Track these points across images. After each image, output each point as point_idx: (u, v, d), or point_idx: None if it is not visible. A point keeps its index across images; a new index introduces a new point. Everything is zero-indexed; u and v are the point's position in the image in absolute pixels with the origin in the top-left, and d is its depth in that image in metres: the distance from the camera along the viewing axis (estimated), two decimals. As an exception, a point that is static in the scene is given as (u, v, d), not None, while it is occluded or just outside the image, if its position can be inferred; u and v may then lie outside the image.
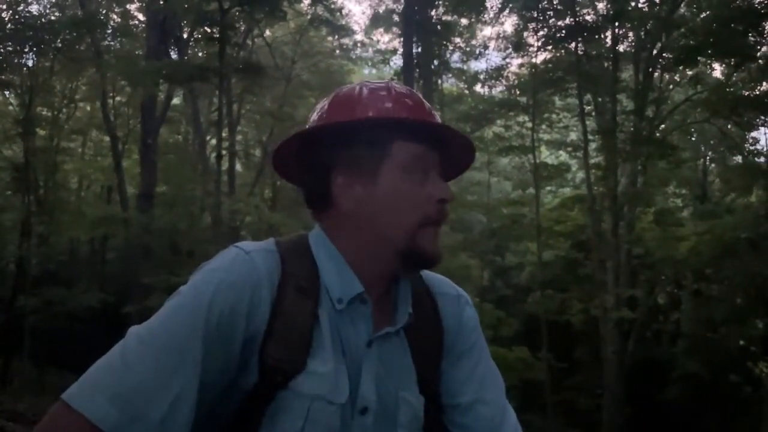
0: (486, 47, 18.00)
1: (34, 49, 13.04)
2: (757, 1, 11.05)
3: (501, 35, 16.82)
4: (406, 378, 0.98)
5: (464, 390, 1.03)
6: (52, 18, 13.93)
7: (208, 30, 12.64)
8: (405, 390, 0.97)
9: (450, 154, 1.01)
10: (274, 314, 0.89)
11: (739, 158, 15.53)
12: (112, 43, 15.31)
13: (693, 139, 17.03)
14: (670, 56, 12.32)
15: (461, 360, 1.05)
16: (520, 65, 15.97)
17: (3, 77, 13.15)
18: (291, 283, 0.92)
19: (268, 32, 17.13)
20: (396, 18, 16.76)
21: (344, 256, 0.97)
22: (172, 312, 0.87)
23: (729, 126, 14.20)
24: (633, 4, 12.48)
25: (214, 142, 16.51)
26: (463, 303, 1.10)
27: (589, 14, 13.07)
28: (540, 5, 12.70)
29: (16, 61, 13.20)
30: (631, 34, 13.19)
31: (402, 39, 14.07)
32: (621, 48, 13.14)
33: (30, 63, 13.94)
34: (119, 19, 15.84)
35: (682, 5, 12.49)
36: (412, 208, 0.94)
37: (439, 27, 15.78)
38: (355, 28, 21.04)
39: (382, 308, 0.99)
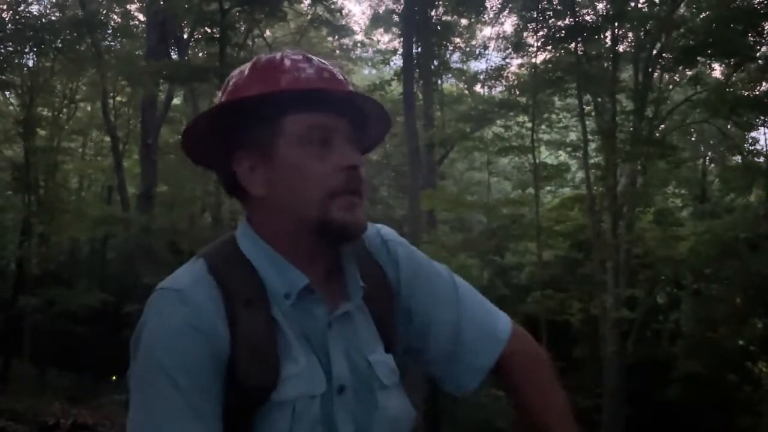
0: (486, 47, 18.03)
1: (35, 49, 13.05)
2: (756, 1, 11.07)
3: (501, 35, 16.85)
4: (372, 341, 0.98)
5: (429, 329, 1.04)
6: (53, 18, 13.95)
7: (209, 30, 12.67)
8: (373, 353, 0.97)
9: (368, 121, 0.99)
10: (234, 339, 0.87)
11: (738, 158, 15.53)
12: (112, 43, 15.32)
13: (692, 139, 17.03)
14: (670, 56, 12.31)
15: (414, 297, 1.04)
16: (520, 65, 15.99)
17: (3, 77, 13.16)
18: (237, 301, 0.88)
19: (268, 32, 17.14)
20: (396, 18, 16.78)
21: (273, 246, 0.94)
22: (146, 401, 0.85)
23: (728, 126, 14.20)
24: (633, 4, 12.48)
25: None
26: (393, 247, 1.07)
27: (588, 14, 13.07)
28: (540, 5, 12.69)
29: (16, 61, 13.21)
30: (630, 34, 13.18)
31: (402, 39, 14.08)
32: (621, 48, 13.13)
33: (30, 63, 13.97)
34: (119, 20, 15.83)
35: (681, 5, 12.49)
36: (315, 182, 0.90)
37: (439, 27, 15.80)
38: (355, 28, 21.02)
39: (333, 282, 0.97)
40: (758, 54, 11.58)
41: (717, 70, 14.46)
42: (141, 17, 16.11)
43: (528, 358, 1.07)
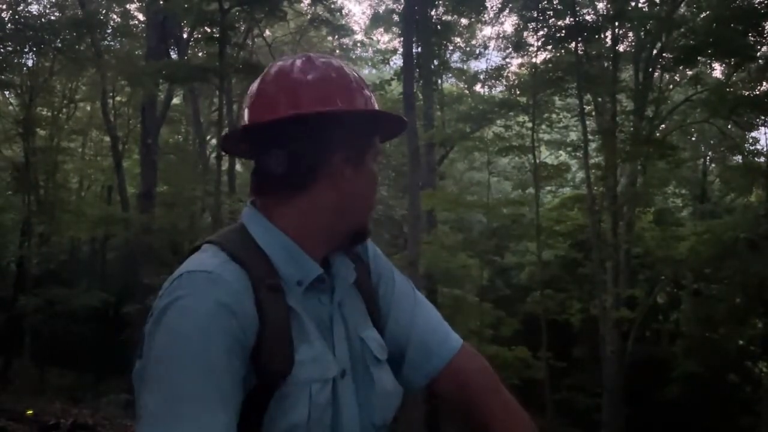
0: (486, 47, 18.08)
1: (35, 49, 13.07)
2: (757, 1, 11.07)
3: (501, 35, 16.87)
4: (363, 320, 1.04)
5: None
6: (52, 18, 13.95)
7: (208, 30, 12.65)
8: (364, 330, 1.02)
9: None
10: (262, 322, 0.88)
11: (738, 158, 15.53)
12: (112, 43, 15.34)
13: (693, 139, 17.04)
14: (670, 56, 12.32)
15: (378, 286, 1.11)
16: (520, 65, 16.00)
17: (3, 77, 13.16)
18: (262, 285, 0.91)
19: (268, 32, 17.14)
20: (396, 18, 16.78)
21: (295, 239, 0.97)
22: (169, 386, 0.81)
23: (729, 126, 14.20)
24: (633, 4, 12.49)
25: (214, 142, 16.52)
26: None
27: (589, 14, 13.08)
28: (540, 5, 12.69)
29: (16, 61, 13.22)
30: (631, 34, 13.19)
31: (402, 39, 14.07)
32: (621, 48, 13.14)
33: (30, 63, 14.00)
34: (119, 19, 15.85)
35: (682, 5, 12.49)
36: (374, 193, 1.05)
37: (439, 27, 15.79)
38: (355, 28, 21.05)
39: (327, 270, 1.02)
40: (758, 54, 11.59)
41: (717, 70, 14.49)
42: (141, 17, 16.12)
43: (480, 368, 1.10)
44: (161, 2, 12.75)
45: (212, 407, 0.80)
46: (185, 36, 14.77)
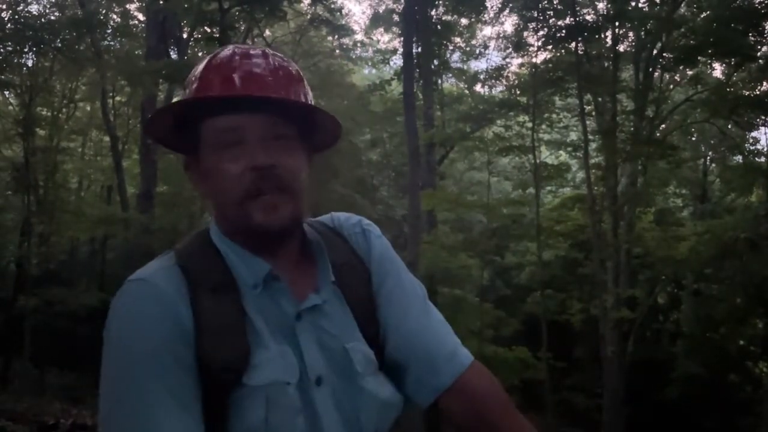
0: (486, 47, 18.10)
1: (34, 49, 13.03)
2: (757, 1, 11.06)
3: (501, 35, 16.89)
4: (350, 330, 0.98)
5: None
6: (52, 18, 13.92)
7: (208, 30, 12.64)
8: (350, 341, 0.97)
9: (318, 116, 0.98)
10: (198, 322, 0.88)
11: (739, 158, 15.53)
12: (112, 43, 15.31)
13: (693, 139, 17.03)
14: (671, 56, 12.31)
15: (379, 290, 1.05)
16: (520, 65, 16.00)
17: (3, 77, 13.14)
18: (202, 287, 0.90)
19: (268, 32, 17.13)
20: (396, 18, 16.79)
21: (233, 239, 0.96)
22: (123, 393, 0.83)
23: (729, 126, 14.20)
24: (633, 4, 12.48)
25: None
26: (370, 237, 1.08)
27: (589, 14, 13.07)
28: (540, 5, 12.69)
29: (15, 61, 13.18)
30: (631, 34, 13.19)
31: (402, 39, 14.08)
32: (621, 48, 13.13)
33: (30, 63, 13.94)
34: (119, 19, 15.82)
35: (682, 5, 12.48)
36: (229, 184, 0.92)
37: (439, 27, 15.81)
38: (355, 27, 21.06)
39: (303, 273, 0.99)
40: (759, 54, 11.58)
41: (717, 70, 14.47)
42: (141, 17, 16.10)
43: (490, 388, 1.01)
44: (161, 2, 12.74)
45: (165, 407, 0.82)
46: (185, 36, 14.76)
